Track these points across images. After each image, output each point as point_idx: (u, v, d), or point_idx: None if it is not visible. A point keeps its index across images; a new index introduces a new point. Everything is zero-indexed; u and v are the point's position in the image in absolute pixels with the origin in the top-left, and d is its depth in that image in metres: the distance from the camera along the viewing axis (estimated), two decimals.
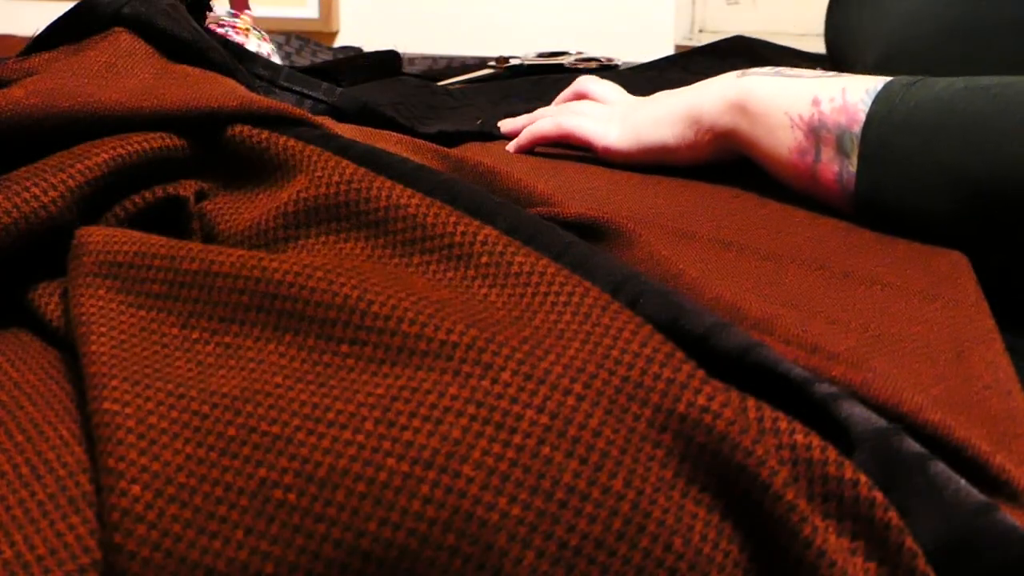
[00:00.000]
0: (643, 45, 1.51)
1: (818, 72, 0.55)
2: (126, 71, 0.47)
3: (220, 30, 0.78)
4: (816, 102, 0.51)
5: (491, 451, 0.26)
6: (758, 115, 0.54)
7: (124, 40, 0.50)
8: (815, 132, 0.51)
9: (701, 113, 0.57)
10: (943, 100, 0.47)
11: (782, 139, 0.53)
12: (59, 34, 0.51)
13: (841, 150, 0.50)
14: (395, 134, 0.56)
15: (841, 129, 0.50)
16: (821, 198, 0.53)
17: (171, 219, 0.42)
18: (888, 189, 0.49)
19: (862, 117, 0.49)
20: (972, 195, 0.46)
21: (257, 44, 0.80)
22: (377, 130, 0.57)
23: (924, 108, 0.48)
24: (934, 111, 0.47)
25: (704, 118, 0.57)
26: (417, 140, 0.54)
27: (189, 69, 0.49)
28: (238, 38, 0.79)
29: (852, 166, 0.50)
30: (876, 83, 0.51)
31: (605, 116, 0.64)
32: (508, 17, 1.68)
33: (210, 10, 0.63)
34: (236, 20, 0.81)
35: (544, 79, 0.92)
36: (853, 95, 0.50)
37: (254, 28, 0.82)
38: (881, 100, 0.49)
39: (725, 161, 0.59)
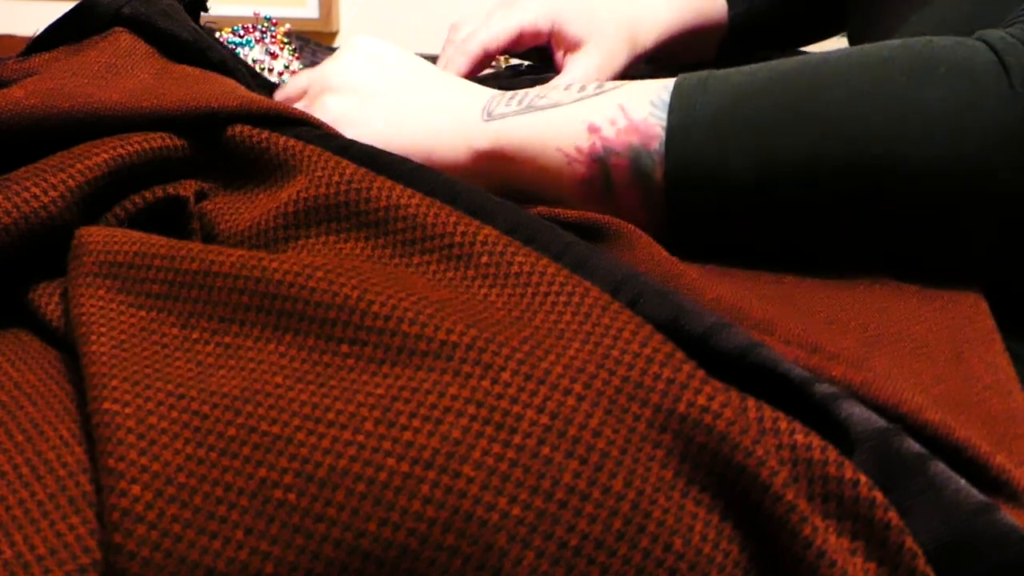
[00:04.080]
0: None
1: (574, 92, 0.48)
2: (126, 71, 0.47)
3: (257, 34, 0.78)
4: (594, 129, 0.46)
5: (491, 451, 0.26)
6: (525, 160, 0.48)
7: (124, 40, 0.50)
8: (600, 161, 0.46)
9: (444, 162, 0.49)
10: (751, 95, 0.43)
11: (560, 178, 0.47)
12: (59, 34, 0.51)
13: (639, 172, 0.45)
14: None
15: (635, 151, 0.45)
16: (632, 223, 0.45)
17: (171, 219, 0.42)
18: (711, 200, 0.44)
19: (659, 132, 0.44)
20: (818, 183, 0.42)
21: (286, 61, 0.79)
22: None
23: (731, 107, 0.44)
24: (746, 107, 0.43)
25: (452, 169, 0.48)
26: None
27: (189, 69, 0.49)
28: (273, 48, 0.78)
29: (657, 186, 0.45)
30: (658, 91, 0.46)
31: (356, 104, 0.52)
32: None
33: (206, 10, 0.63)
34: (275, 29, 0.80)
35: (543, 78, 0.92)
36: (637, 111, 0.45)
37: (290, 43, 0.81)
38: (676, 109, 0.44)
39: None
